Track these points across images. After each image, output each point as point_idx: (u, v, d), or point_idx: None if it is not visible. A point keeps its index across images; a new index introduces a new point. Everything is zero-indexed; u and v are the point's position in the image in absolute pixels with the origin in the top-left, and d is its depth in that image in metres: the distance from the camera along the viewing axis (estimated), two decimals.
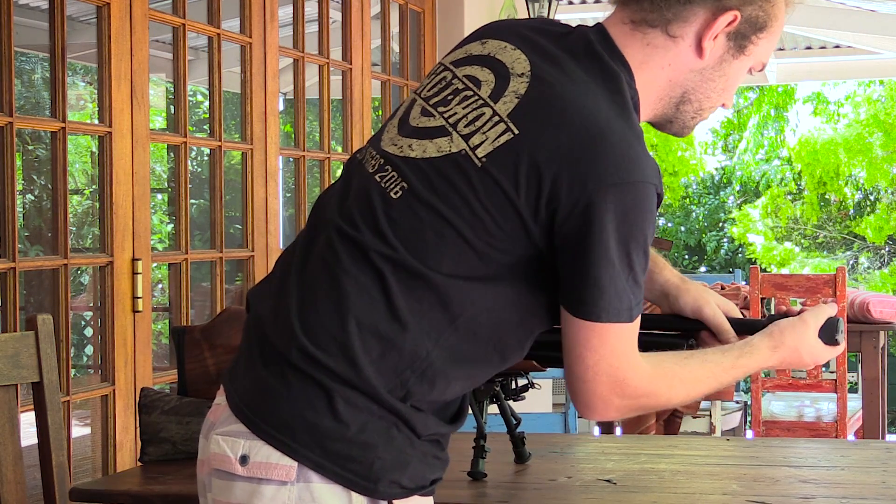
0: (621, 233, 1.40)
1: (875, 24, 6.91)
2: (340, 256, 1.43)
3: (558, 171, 1.38)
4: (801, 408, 5.37)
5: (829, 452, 2.18)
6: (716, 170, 17.18)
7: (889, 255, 15.67)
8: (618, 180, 1.39)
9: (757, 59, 1.60)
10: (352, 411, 1.40)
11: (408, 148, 1.47)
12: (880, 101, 15.14)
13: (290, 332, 1.42)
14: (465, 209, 1.41)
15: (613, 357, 1.45)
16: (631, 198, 1.40)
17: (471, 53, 1.55)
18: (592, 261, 1.40)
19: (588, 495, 1.85)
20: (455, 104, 1.48)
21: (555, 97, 1.44)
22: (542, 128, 1.41)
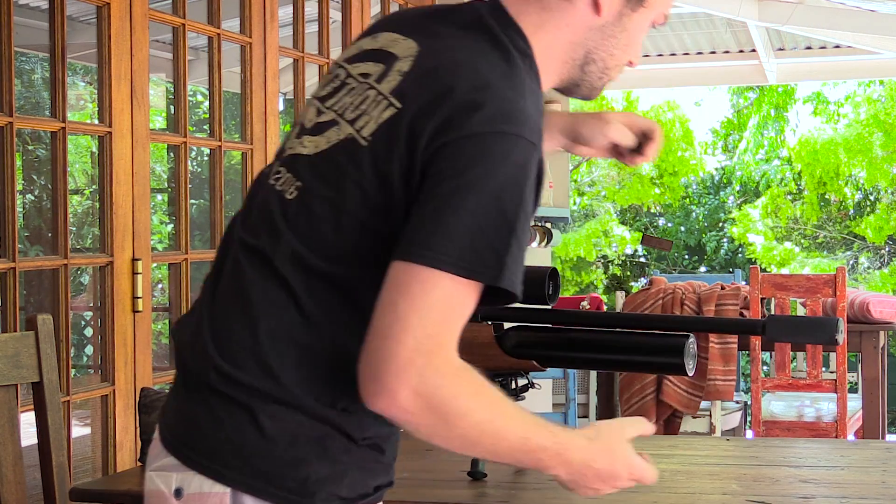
0: (490, 184, 1.29)
1: (875, 24, 6.91)
2: (245, 269, 1.39)
3: (435, 131, 1.31)
4: (801, 408, 5.37)
5: (829, 452, 2.18)
6: (716, 170, 17.18)
7: (889, 255, 15.67)
8: (490, 129, 1.31)
9: (658, 11, 1.54)
10: (278, 426, 1.33)
11: (300, 147, 1.44)
12: (880, 101, 15.14)
13: (206, 355, 1.37)
14: (357, 193, 1.35)
15: (432, 315, 1.26)
16: (503, 148, 1.31)
17: (363, 49, 1.49)
18: (450, 205, 1.28)
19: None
20: (343, 95, 1.45)
21: (437, 67, 1.38)
22: (422, 96, 1.35)
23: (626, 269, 16.26)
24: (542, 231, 5.71)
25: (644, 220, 17.09)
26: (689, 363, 1.80)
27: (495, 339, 1.90)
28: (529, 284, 1.86)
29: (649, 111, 15.95)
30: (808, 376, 4.89)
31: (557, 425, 1.40)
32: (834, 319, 1.68)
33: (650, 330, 1.86)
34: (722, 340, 5.16)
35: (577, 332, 1.90)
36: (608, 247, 16.04)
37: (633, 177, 16.18)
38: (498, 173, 1.30)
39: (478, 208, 1.28)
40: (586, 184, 16.55)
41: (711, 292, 5.25)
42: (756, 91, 15.92)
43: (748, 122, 16.44)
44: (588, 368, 4.93)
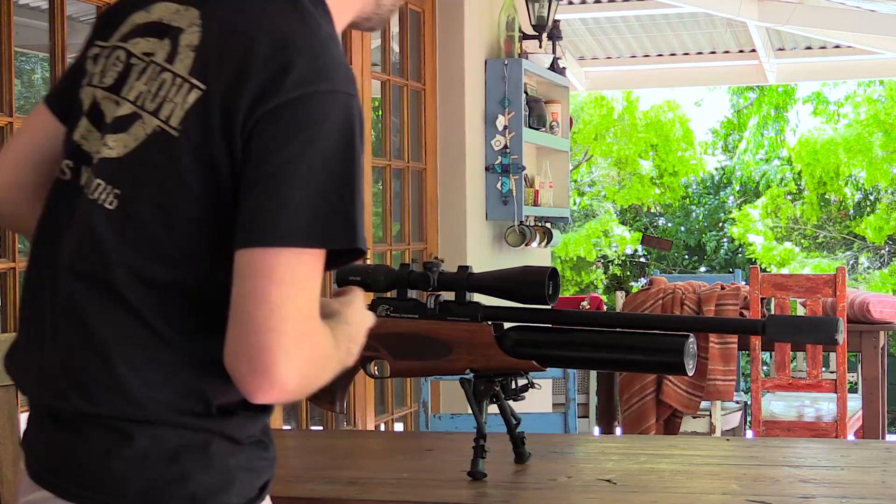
0: (318, 149, 1.26)
1: (875, 24, 6.91)
2: (81, 300, 1.30)
3: (249, 106, 1.26)
4: (801, 408, 5.37)
5: (829, 452, 2.18)
6: (716, 170, 17.19)
7: (889, 255, 15.67)
8: (305, 91, 1.26)
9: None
10: (158, 446, 1.29)
11: (107, 149, 1.33)
12: (880, 101, 15.15)
13: (66, 395, 1.30)
14: (182, 189, 1.28)
15: (304, 295, 1.24)
16: (323, 109, 1.27)
17: (137, 24, 1.39)
18: (286, 181, 1.24)
19: (588, 495, 1.85)
20: (136, 81, 1.35)
21: (229, 33, 1.31)
22: (224, 72, 1.28)
23: (626, 269, 16.26)
24: (542, 231, 5.71)
25: (644, 220, 17.09)
26: (689, 363, 1.80)
27: (495, 339, 1.91)
28: (529, 284, 1.87)
29: (649, 111, 15.95)
30: (808, 376, 4.89)
31: (336, 321, 1.40)
32: (834, 319, 1.68)
33: (650, 330, 1.86)
34: (722, 340, 5.16)
35: (577, 332, 1.91)
36: (608, 247, 16.04)
37: (633, 177, 16.18)
38: (323, 136, 1.26)
39: (313, 176, 1.25)
40: (586, 184, 16.55)
41: (711, 292, 5.26)
42: (756, 91, 15.92)
43: (748, 122, 16.45)
44: (588, 368, 4.93)
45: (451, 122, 5.22)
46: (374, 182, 4.90)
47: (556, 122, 5.90)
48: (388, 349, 1.97)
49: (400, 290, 1.98)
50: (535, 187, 5.75)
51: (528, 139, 5.40)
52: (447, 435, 2.48)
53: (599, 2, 7.43)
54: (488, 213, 5.33)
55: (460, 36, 5.21)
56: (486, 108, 5.30)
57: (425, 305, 1.95)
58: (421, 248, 5.18)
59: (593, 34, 8.24)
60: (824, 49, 8.24)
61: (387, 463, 2.12)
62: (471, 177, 5.23)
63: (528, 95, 5.52)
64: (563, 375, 3.05)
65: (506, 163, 5.26)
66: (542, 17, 5.62)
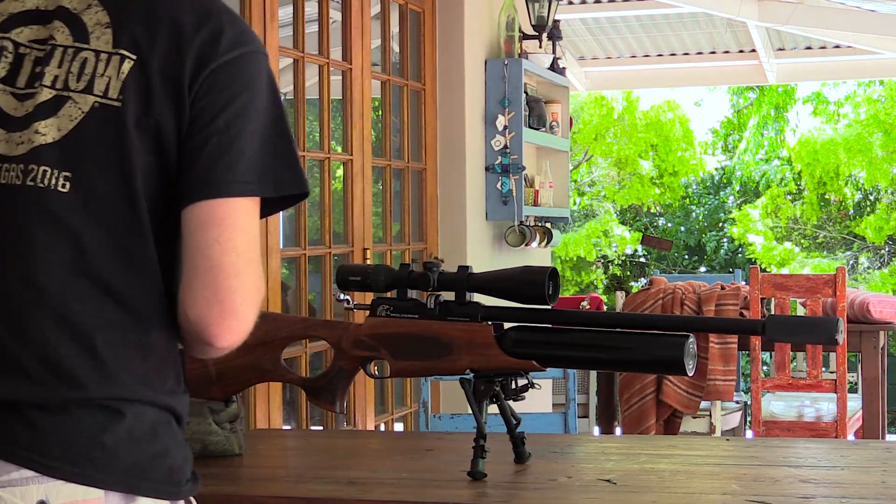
0: (259, 104, 1.36)
1: (875, 24, 6.92)
2: (54, 290, 1.32)
3: (192, 70, 1.33)
4: (801, 408, 5.37)
5: (829, 452, 2.18)
6: (716, 170, 17.19)
7: (889, 255, 15.67)
8: (238, 52, 1.37)
9: None
10: (140, 423, 1.35)
11: (40, 136, 1.33)
12: (880, 101, 15.15)
13: (45, 380, 1.32)
14: (134, 156, 1.32)
15: (257, 241, 1.37)
16: (256, 68, 1.38)
17: (12, 13, 1.40)
18: (234, 134, 1.34)
19: (588, 495, 1.85)
20: (45, 67, 1.35)
21: (147, 9, 1.37)
22: (155, 40, 1.34)
23: (626, 269, 16.26)
24: (542, 231, 5.71)
25: (644, 220, 17.09)
26: (689, 363, 1.80)
27: (495, 339, 1.91)
28: (529, 284, 1.87)
29: (649, 111, 15.95)
30: (808, 376, 4.89)
31: None
32: (834, 319, 1.68)
33: (650, 330, 1.86)
34: (722, 340, 5.16)
35: (577, 332, 1.91)
36: (608, 247, 16.04)
37: (633, 177, 16.18)
38: (261, 92, 1.37)
39: (259, 130, 1.35)
40: (586, 184, 16.56)
41: (711, 292, 5.26)
42: (756, 91, 15.92)
43: (748, 122, 16.45)
44: (588, 368, 4.93)
45: (451, 122, 5.22)
46: (374, 182, 4.90)
47: (556, 122, 5.90)
48: (388, 349, 1.97)
49: (400, 290, 1.98)
50: (535, 187, 5.75)
51: (528, 139, 5.40)
52: (447, 435, 2.48)
53: (599, 2, 7.43)
54: (488, 213, 5.33)
55: (460, 36, 5.21)
56: (486, 108, 5.30)
57: (425, 305, 1.95)
58: (421, 248, 5.18)
59: (593, 34, 8.24)
60: (824, 49, 8.24)
61: (387, 463, 2.12)
62: (471, 177, 5.23)
63: (528, 95, 5.52)
64: (563, 375, 3.05)
65: (506, 163, 5.26)
66: (542, 17, 5.62)
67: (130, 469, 1.34)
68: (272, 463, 2.14)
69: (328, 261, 4.48)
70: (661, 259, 16.56)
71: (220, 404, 2.10)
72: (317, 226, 4.66)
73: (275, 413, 3.96)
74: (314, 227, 4.87)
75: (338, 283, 2.01)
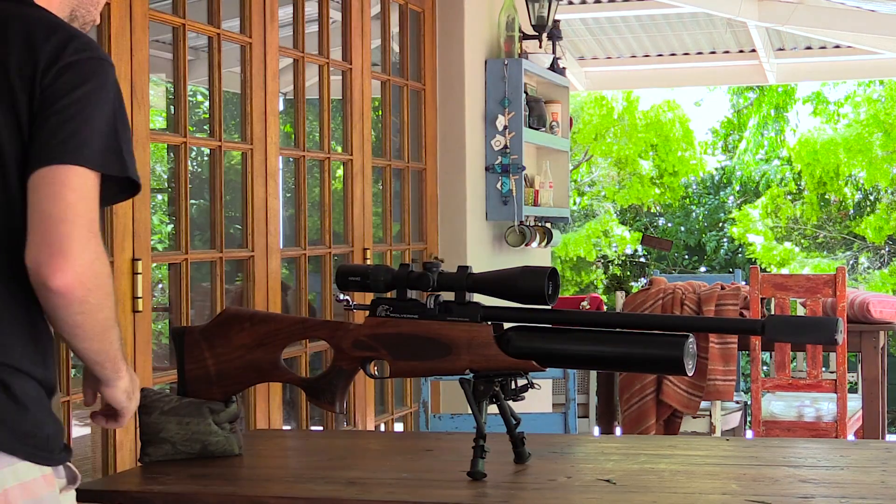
0: (103, 96, 1.62)
1: (875, 24, 6.92)
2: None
3: (43, 67, 1.60)
4: (801, 408, 5.37)
5: (829, 452, 2.18)
6: (716, 170, 17.19)
7: (889, 255, 15.68)
8: (88, 56, 1.63)
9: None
10: (26, 394, 1.57)
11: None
12: (880, 101, 15.15)
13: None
14: (2, 147, 1.58)
15: (91, 206, 1.59)
16: (104, 69, 1.65)
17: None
18: (73, 114, 1.59)
19: (588, 495, 1.85)
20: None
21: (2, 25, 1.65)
22: (11, 48, 1.61)
23: (626, 269, 16.26)
24: (542, 231, 5.71)
25: (644, 220, 17.09)
26: (689, 363, 1.80)
27: (495, 339, 1.91)
28: (529, 284, 1.87)
29: (649, 111, 15.95)
30: (808, 376, 4.89)
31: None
32: (833, 319, 1.68)
33: (650, 330, 1.86)
34: (722, 340, 5.16)
35: (576, 332, 1.91)
36: (608, 247, 16.04)
37: (633, 177, 16.18)
38: (102, 88, 1.63)
39: (96, 116, 1.60)
40: (586, 184, 16.56)
41: (711, 292, 5.26)
42: (756, 91, 15.92)
43: (748, 122, 16.45)
44: (588, 368, 4.93)
45: (451, 122, 5.22)
46: (374, 182, 4.90)
47: (556, 122, 5.90)
48: (388, 349, 1.97)
49: (400, 291, 1.98)
50: (535, 187, 5.75)
51: (528, 139, 5.40)
52: (447, 435, 2.48)
53: (599, 2, 7.43)
54: (488, 213, 5.33)
55: (460, 36, 5.21)
56: (486, 108, 5.30)
57: (425, 305, 1.95)
58: (421, 248, 5.18)
59: (593, 34, 8.24)
60: (824, 49, 8.24)
61: (387, 463, 2.12)
62: (471, 177, 5.23)
63: (528, 95, 5.52)
64: (563, 375, 3.05)
65: (506, 163, 5.26)
66: (542, 17, 5.62)
67: (12, 433, 1.54)
68: (272, 463, 2.14)
69: (328, 261, 4.48)
70: (661, 259, 16.56)
71: (220, 404, 2.10)
72: (317, 226, 4.66)
73: (275, 413, 3.96)
74: (314, 227, 4.87)
75: (337, 283, 2.01)
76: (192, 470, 1.95)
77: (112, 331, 1.66)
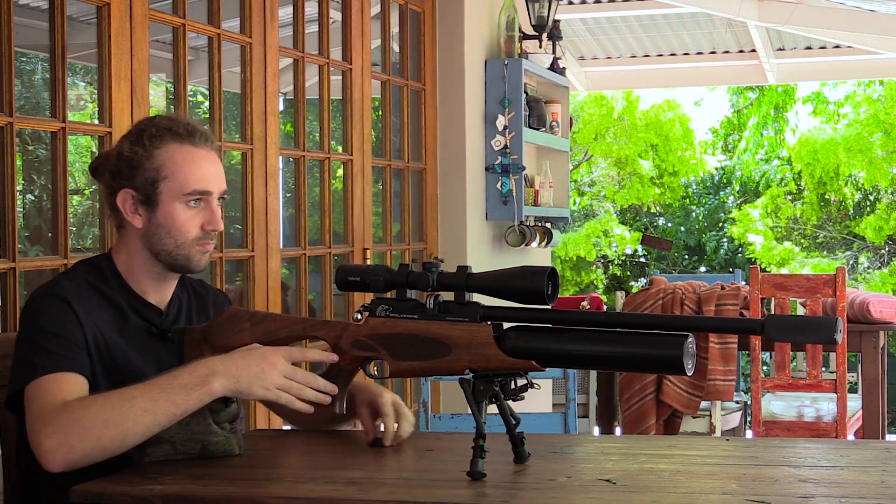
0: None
1: (875, 24, 6.92)
2: None
3: None
4: (801, 408, 5.37)
5: (829, 452, 2.18)
6: (716, 170, 17.19)
7: (889, 255, 15.67)
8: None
9: (178, 196, 2.10)
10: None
11: None
12: (880, 101, 15.15)
13: None
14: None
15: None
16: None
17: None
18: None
19: (588, 495, 1.85)
20: None
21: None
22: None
23: (626, 269, 16.26)
24: (542, 231, 5.71)
25: (644, 220, 17.08)
26: (689, 363, 1.80)
27: (495, 339, 1.90)
28: (529, 284, 1.87)
29: (649, 111, 15.95)
30: (808, 376, 4.89)
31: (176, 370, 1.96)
32: (833, 319, 1.68)
33: (650, 330, 1.86)
34: (722, 340, 5.16)
35: (576, 332, 1.90)
36: (608, 247, 16.04)
37: (633, 177, 16.18)
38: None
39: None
40: (586, 184, 16.55)
41: (711, 292, 5.25)
42: (756, 91, 15.92)
43: (748, 122, 16.45)
44: (587, 368, 4.93)
45: (451, 122, 5.22)
46: (374, 182, 4.90)
47: (556, 122, 5.90)
48: (387, 349, 1.97)
49: (399, 291, 1.98)
50: (535, 187, 5.75)
51: (528, 139, 5.40)
52: (447, 435, 2.48)
53: (599, 2, 7.43)
54: (488, 213, 5.33)
55: (460, 36, 5.21)
56: (486, 108, 5.30)
57: (425, 306, 1.95)
58: (421, 248, 5.18)
59: (593, 34, 8.24)
60: (824, 49, 8.24)
61: (387, 463, 2.12)
62: (471, 177, 5.23)
63: (528, 95, 5.52)
64: (563, 375, 3.05)
65: (506, 163, 5.26)
66: (542, 17, 5.62)
67: None
68: (272, 463, 2.14)
69: (328, 261, 4.48)
70: (661, 259, 16.56)
71: (220, 404, 2.10)
72: (317, 226, 4.66)
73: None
74: (314, 227, 4.87)
75: (337, 283, 2.01)
76: (192, 470, 1.95)
77: (119, 411, 1.89)
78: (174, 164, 2.12)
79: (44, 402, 1.90)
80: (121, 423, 1.88)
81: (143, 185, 2.11)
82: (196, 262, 2.16)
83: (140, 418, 1.89)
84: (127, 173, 2.12)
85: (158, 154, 2.11)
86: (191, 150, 2.14)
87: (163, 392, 1.91)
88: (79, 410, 1.89)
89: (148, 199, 2.11)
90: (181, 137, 2.13)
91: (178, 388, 1.92)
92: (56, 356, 1.96)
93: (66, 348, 1.99)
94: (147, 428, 1.91)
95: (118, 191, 2.13)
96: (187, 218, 2.12)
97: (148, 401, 1.90)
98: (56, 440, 1.85)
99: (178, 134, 2.13)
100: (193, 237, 2.13)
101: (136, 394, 1.90)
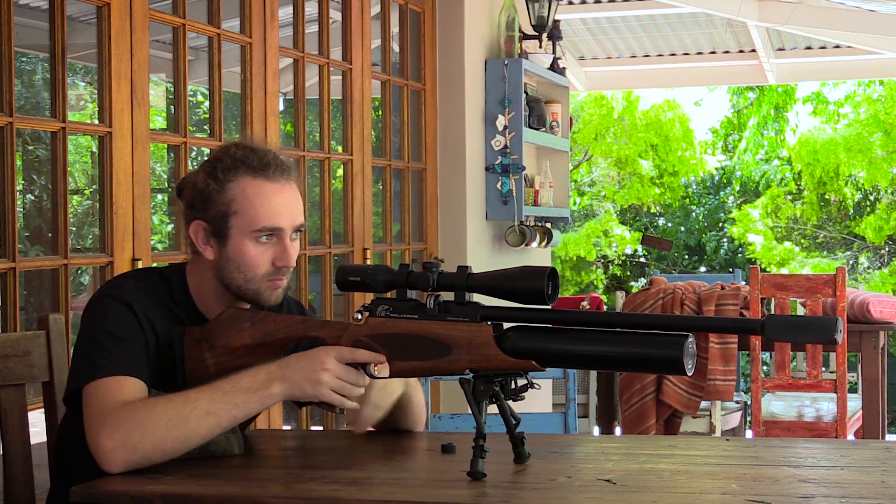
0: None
1: (875, 24, 6.92)
2: None
3: None
4: (801, 408, 5.37)
5: (829, 452, 2.18)
6: (716, 170, 17.19)
7: (889, 255, 15.67)
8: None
9: (247, 232, 2.07)
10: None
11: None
12: (880, 101, 15.15)
13: None
14: None
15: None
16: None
17: None
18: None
19: (588, 495, 1.85)
20: None
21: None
22: None
23: (626, 269, 16.26)
24: (542, 231, 5.71)
25: (644, 220, 17.08)
26: (689, 363, 1.80)
27: (495, 339, 1.90)
28: (529, 284, 1.87)
29: (649, 111, 15.95)
30: (808, 376, 4.89)
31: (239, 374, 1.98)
32: (833, 319, 1.68)
33: (650, 330, 1.86)
34: (722, 340, 5.16)
35: (576, 332, 1.90)
36: (608, 247, 16.04)
37: (633, 177, 16.18)
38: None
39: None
40: (586, 184, 16.55)
41: (711, 292, 5.26)
42: (756, 91, 15.92)
43: (748, 122, 16.45)
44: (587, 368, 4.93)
45: (451, 122, 5.22)
46: (374, 182, 4.90)
47: (556, 122, 5.90)
48: (387, 349, 1.97)
49: (399, 291, 1.98)
50: (535, 187, 5.75)
51: (528, 139, 5.40)
52: (447, 435, 2.48)
53: (599, 2, 7.43)
54: (488, 213, 5.33)
55: (460, 36, 5.21)
56: (486, 108, 5.30)
57: (425, 306, 1.95)
58: (421, 248, 5.18)
59: (593, 34, 8.24)
60: (824, 49, 8.24)
61: (387, 463, 2.12)
62: (471, 177, 5.23)
63: (528, 95, 5.52)
64: (563, 375, 3.05)
65: (506, 163, 5.26)
66: (542, 17, 5.62)
67: None
68: (272, 463, 2.14)
69: (328, 261, 4.48)
70: (661, 259, 16.56)
71: None
72: (317, 226, 4.66)
73: (275, 413, 3.96)
74: (314, 226, 4.87)
75: (337, 283, 2.01)
76: (192, 470, 1.95)
77: (182, 413, 1.91)
78: (245, 200, 2.07)
79: (105, 403, 1.90)
80: (184, 425, 1.89)
81: (214, 219, 2.08)
82: (266, 298, 2.11)
83: (203, 420, 1.91)
84: (200, 205, 2.09)
85: (230, 188, 2.07)
86: (264, 184, 2.07)
87: (225, 395, 1.93)
88: (141, 410, 1.90)
89: (219, 233, 2.08)
90: (255, 171, 2.07)
91: (240, 392, 1.94)
92: (118, 359, 1.97)
93: (129, 352, 1.99)
94: (209, 430, 1.92)
95: (191, 221, 2.11)
96: (257, 254, 2.08)
97: (211, 403, 1.92)
98: (117, 440, 1.86)
99: (251, 167, 2.07)
100: (263, 273, 2.09)
101: (199, 396, 1.92)
